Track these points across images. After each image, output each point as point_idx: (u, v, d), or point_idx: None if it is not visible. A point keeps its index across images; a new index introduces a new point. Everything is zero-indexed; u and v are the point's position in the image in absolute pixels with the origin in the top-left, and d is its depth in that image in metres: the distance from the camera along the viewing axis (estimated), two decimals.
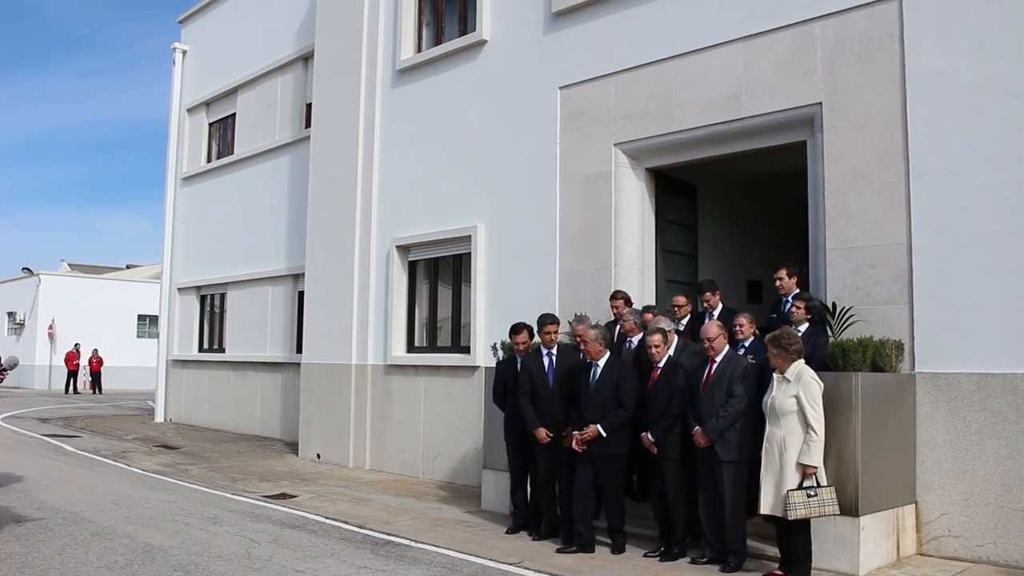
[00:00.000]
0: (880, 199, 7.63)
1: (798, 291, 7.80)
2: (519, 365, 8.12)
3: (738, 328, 7.36)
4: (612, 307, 8.90)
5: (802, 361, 6.34)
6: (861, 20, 7.88)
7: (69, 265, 44.41)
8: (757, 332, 7.49)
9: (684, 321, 8.47)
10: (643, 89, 9.55)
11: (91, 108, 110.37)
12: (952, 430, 7.09)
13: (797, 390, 6.17)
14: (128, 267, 48.27)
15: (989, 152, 7.07)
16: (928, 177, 7.35)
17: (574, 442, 7.41)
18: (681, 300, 8.74)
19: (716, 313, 8.23)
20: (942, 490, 7.11)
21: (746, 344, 7.37)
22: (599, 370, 7.46)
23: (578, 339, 8.07)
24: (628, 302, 8.86)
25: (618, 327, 8.61)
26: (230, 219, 17.60)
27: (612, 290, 9.24)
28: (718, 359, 6.88)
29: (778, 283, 7.89)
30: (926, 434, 7.22)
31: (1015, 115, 6.95)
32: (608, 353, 7.55)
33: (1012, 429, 6.80)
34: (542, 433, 7.70)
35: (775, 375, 6.37)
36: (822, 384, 6.27)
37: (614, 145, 9.78)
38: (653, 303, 9.36)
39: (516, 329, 8.25)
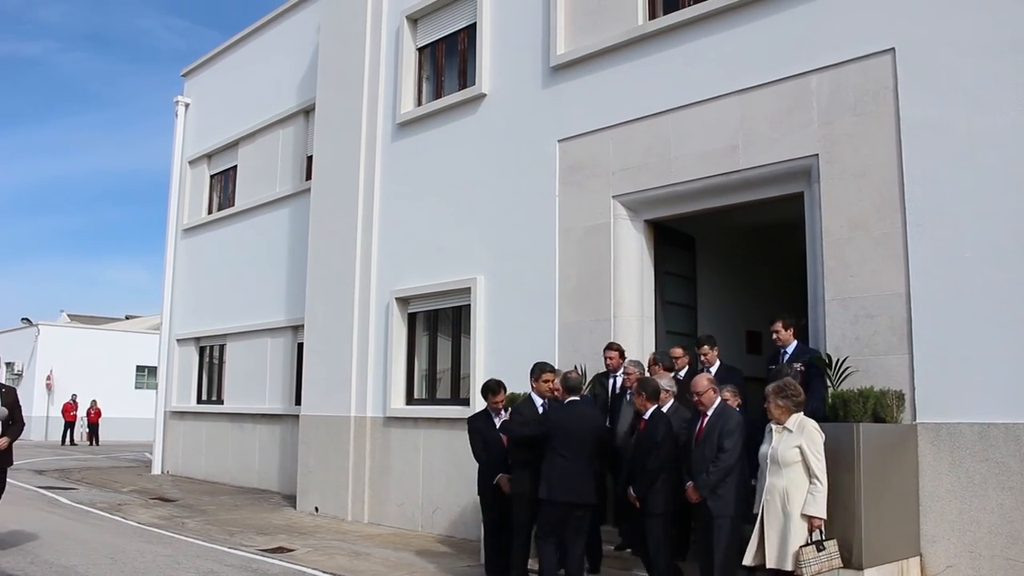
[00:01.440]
0: (878, 249, 7.65)
1: (796, 342, 7.82)
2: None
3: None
4: (606, 358, 8.92)
5: (802, 412, 6.32)
6: (856, 73, 7.98)
7: (68, 316, 44.40)
8: (741, 405, 7.49)
9: (682, 373, 8.45)
10: (641, 142, 9.63)
11: (93, 159, 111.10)
12: (955, 481, 7.04)
13: (800, 440, 6.12)
14: (127, 318, 48.25)
15: (985, 203, 7.11)
16: (925, 228, 7.39)
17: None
18: (678, 352, 8.72)
19: (713, 369, 8.21)
20: (947, 542, 7.04)
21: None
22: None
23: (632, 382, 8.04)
24: (622, 354, 8.87)
25: (614, 378, 8.61)
26: (230, 271, 17.64)
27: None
28: (709, 412, 6.86)
29: (775, 336, 7.89)
30: (929, 485, 7.16)
31: (1010, 166, 7.01)
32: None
33: (1016, 480, 6.75)
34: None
35: (773, 426, 6.33)
36: (824, 435, 6.25)
37: (613, 197, 9.84)
38: (638, 358, 9.20)
39: (494, 388, 8.48)
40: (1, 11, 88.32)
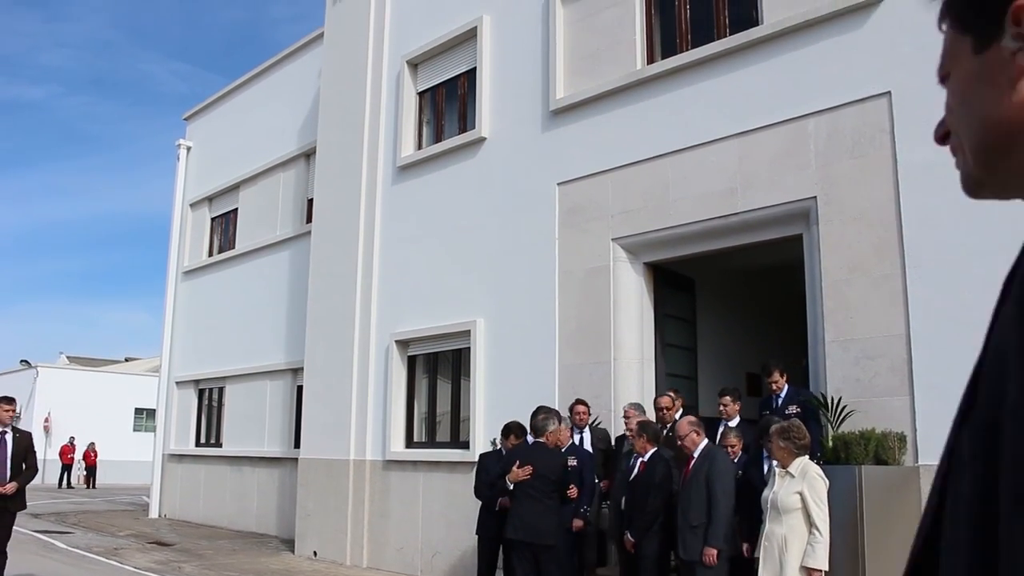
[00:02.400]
0: (877, 291, 7.67)
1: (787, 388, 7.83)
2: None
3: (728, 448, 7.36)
4: (575, 414, 8.89)
5: (807, 456, 6.26)
6: (852, 116, 8.05)
7: (67, 358, 44.34)
8: (743, 450, 7.49)
9: (671, 426, 8.25)
10: (640, 185, 9.69)
11: (95, 202, 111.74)
12: None
13: (802, 487, 6.04)
14: (127, 360, 48.20)
15: (982, 244, 7.13)
16: (924, 269, 7.41)
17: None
18: (665, 402, 8.61)
19: (733, 423, 8.07)
20: None
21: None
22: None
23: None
24: (588, 409, 8.90)
25: (581, 434, 8.72)
26: (230, 313, 17.64)
27: (612, 385, 9.23)
28: (695, 454, 6.82)
29: (774, 386, 7.87)
30: None
31: (1006, 207, 6.99)
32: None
33: None
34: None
35: (777, 469, 6.28)
36: (827, 481, 6.18)
37: (612, 240, 9.88)
38: (638, 400, 9.16)
39: (516, 431, 8.47)
40: (6, 56, 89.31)
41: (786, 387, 7.81)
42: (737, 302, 12.25)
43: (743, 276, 12.21)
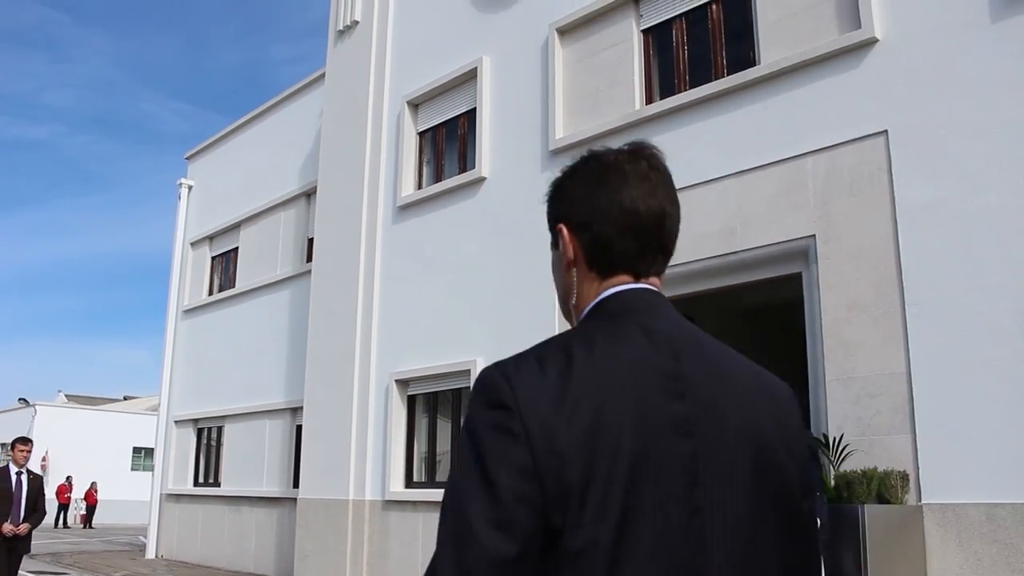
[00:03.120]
0: (877, 329, 7.67)
1: None
2: None
3: None
4: None
5: None
6: (850, 155, 8.10)
7: (66, 396, 44.27)
8: None
9: None
10: None
11: (96, 240, 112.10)
12: (964, 563, 6.94)
13: None
14: (126, 398, 48.06)
15: (982, 281, 7.16)
16: (923, 307, 7.42)
17: None
18: None
19: None
20: None
21: None
22: None
23: None
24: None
25: None
26: (230, 352, 17.62)
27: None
28: None
29: None
30: (937, 568, 7.05)
31: (1005, 245, 7.07)
32: None
33: None
34: None
35: None
36: None
37: None
38: None
39: None
40: (12, 95, 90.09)
41: None
42: (737, 341, 12.13)
43: (742, 315, 12.22)
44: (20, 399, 38.78)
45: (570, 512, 1.14)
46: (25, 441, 8.92)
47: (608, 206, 1.45)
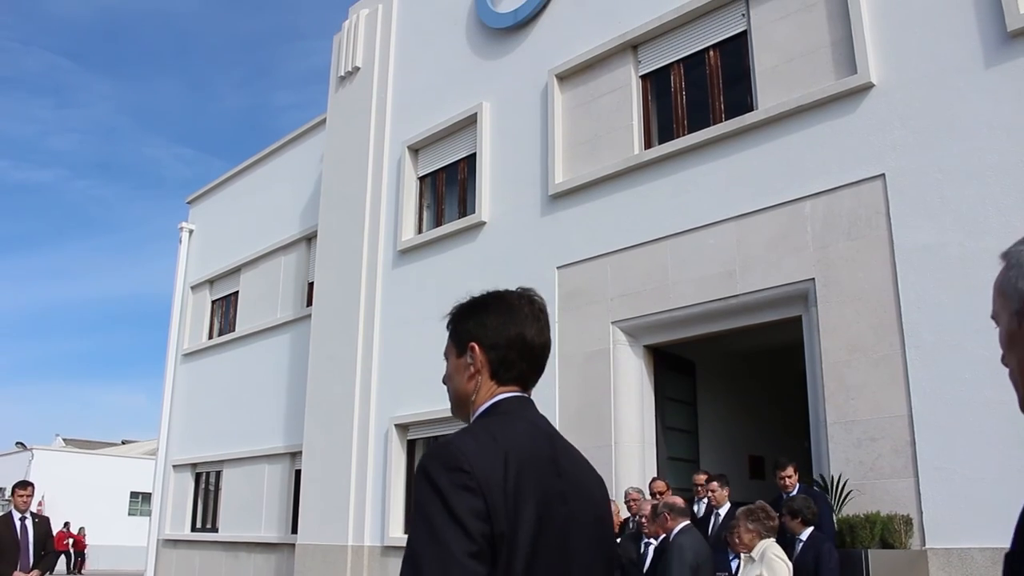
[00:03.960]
0: (877, 372, 7.66)
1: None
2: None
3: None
4: (630, 500, 8.73)
5: (772, 540, 5.96)
6: (848, 198, 8.15)
7: (64, 440, 44.08)
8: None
9: (723, 509, 7.95)
10: (639, 268, 9.75)
11: (96, 284, 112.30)
12: None
13: (760, 570, 5.75)
14: (124, 442, 47.80)
15: (981, 323, 7.13)
16: (924, 349, 7.42)
17: None
18: (700, 479, 8.52)
19: (723, 511, 7.86)
20: None
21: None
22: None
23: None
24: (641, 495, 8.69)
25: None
26: (229, 396, 17.56)
27: (613, 469, 9.15)
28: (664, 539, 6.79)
29: (787, 480, 7.53)
30: None
31: None
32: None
33: None
34: None
35: (742, 555, 6.08)
36: (790, 565, 5.86)
37: (612, 323, 9.90)
38: (639, 485, 9.02)
39: None
40: (16, 140, 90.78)
41: (797, 485, 7.54)
42: (738, 384, 12.22)
43: (743, 358, 12.20)
44: (17, 443, 38.60)
45: (503, 548, 1.60)
46: (24, 485, 8.83)
47: (514, 337, 2.00)
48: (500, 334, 2.01)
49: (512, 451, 1.73)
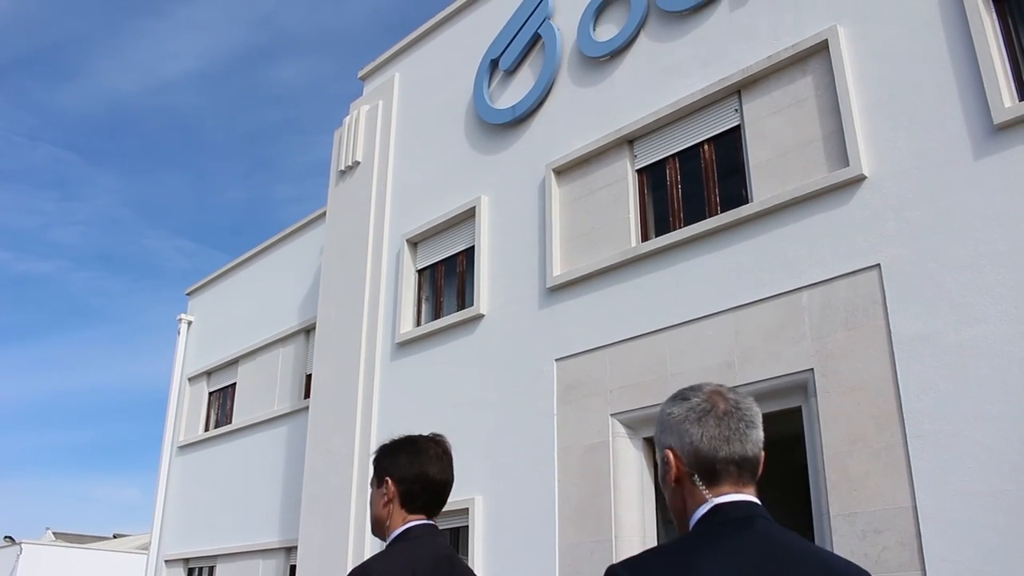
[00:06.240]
0: (880, 462, 7.61)
1: None
2: None
3: None
4: None
5: None
6: (844, 288, 8.21)
7: (54, 534, 43.36)
8: None
9: None
10: (637, 360, 9.76)
11: (93, 375, 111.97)
12: None
13: None
14: (115, 536, 46.98)
15: (982, 412, 7.14)
16: (925, 439, 7.38)
17: None
18: None
19: None
20: None
21: None
22: None
23: None
24: None
25: None
26: (224, 489, 17.35)
27: (614, 562, 8.99)
28: None
29: None
30: None
31: (1002, 375, 7.09)
32: None
33: None
34: None
35: None
36: None
37: (611, 415, 9.86)
38: None
39: None
40: (20, 232, 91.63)
41: None
42: None
43: None
44: (6, 537, 37.90)
45: None
46: None
47: (420, 473, 2.54)
48: (410, 471, 2.56)
49: (419, 570, 2.27)
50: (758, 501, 1.91)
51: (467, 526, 11.10)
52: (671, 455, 2.02)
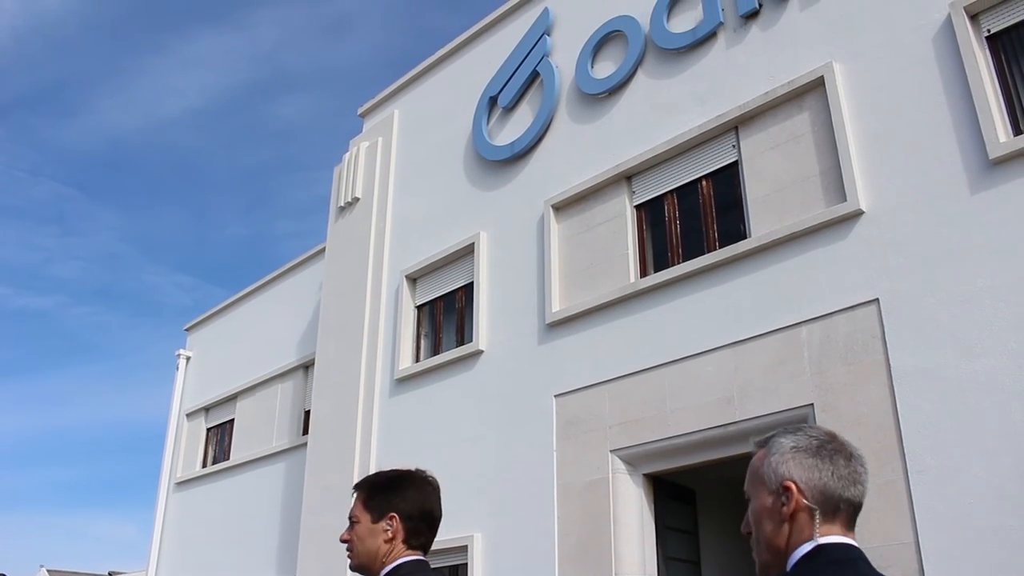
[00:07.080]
0: (881, 498, 7.55)
1: None
2: None
3: None
4: None
5: None
6: (844, 323, 8.20)
7: (48, 571, 42.89)
8: None
9: None
10: (637, 396, 9.72)
11: (90, 411, 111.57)
12: None
13: None
14: (111, 574, 46.48)
15: (983, 446, 7.11)
16: (926, 474, 7.33)
17: None
18: None
19: None
20: None
21: None
22: None
23: None
24: None
25: None
26: (221, 525, 17.20)
27: None
28: None
29: None
30: None
31: (1002, 409, 7.06)
32: None
33: None
34: None
35: None
36: None
37: (610, 452, 9.80)
38: None
39: None
40: (18, 267, 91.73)
41: None
42: (740, 512, 11.83)
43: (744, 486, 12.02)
44: (0, 574, 37.55)
45: None
46: None
47: (427, 510, 2.63)
48: (415, 507, 2.61)
49: None
50: (858, 545, 1.95)
51: (466, 563, 10.99)
52: (794, 488, 1.98)
